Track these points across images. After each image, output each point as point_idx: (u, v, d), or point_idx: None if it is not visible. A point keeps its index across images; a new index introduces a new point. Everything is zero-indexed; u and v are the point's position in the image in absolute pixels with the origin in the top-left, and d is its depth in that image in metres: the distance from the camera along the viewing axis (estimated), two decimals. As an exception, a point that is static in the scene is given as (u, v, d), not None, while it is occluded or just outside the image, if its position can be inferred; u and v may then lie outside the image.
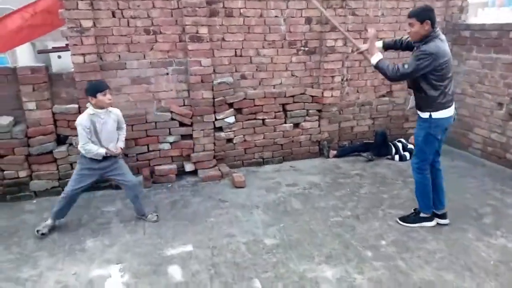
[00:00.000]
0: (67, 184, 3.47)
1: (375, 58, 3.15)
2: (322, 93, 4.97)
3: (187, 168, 4.56)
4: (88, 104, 3.35)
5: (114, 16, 4.03)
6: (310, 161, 5.09)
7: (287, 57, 4.80)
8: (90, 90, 3.29)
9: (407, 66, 3.02)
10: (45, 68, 4.00)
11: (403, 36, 3.45)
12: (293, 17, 4.68)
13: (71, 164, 4.12)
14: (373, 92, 5.33)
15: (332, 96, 5.03)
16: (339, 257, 3.03)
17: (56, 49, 4.86)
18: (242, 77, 4.69)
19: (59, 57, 4.73)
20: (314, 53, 4.91)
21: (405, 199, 3.93)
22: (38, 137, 3.99)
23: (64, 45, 4.65)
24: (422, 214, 3.44)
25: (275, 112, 4.86)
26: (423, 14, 2.99)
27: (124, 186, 3.59)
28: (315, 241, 3.25)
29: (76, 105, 4.06)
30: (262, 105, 4.77)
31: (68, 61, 4.23)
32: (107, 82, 4.12)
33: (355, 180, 4.46)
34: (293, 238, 3.30)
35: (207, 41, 4.31)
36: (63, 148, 4.12)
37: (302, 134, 5.07)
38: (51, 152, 4.07)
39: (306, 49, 4.86)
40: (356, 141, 5.40)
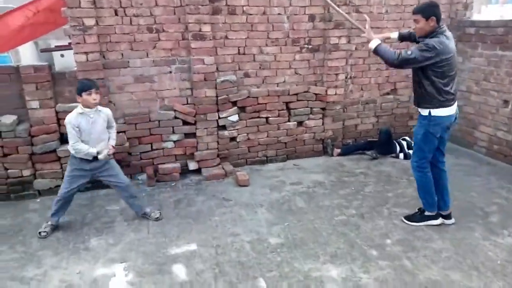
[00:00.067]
0: (60, 187, 3.42)
1: (374, 43, 3.14)
2: (326, 91, 4.95)
3: (191, 167, 4.55)
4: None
5: (116, 14, 4.01)
6: (314, 159, 5.06)
7: (291, 55, 4.77)
8: (78, 89, 3.23)
9: (410, 52, 2.98)
10: (48, 67, 3.99)
11: None
12: (296, 15, 4.65)
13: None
14: (377, 89, 5.29)
15: (336, 94, 5.00)
16: (344, 256, 3.01)
17: (59, 48, 4.85)
18: (246, 75, 4.67)
19: (62, 55, 4.72)
20: (318, 51, 4.88)
21: (410, 198, 3.90)
22: (41, 136, 3.99)
23: (67, 43, 4.64)
24: (427, 213, 3.41)
25: (279, 110, 4.84)
26: (428, 10, 2.97)
27: (117, 187, 3.53)
28: (320, 240, 3.23)
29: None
30: (266, 103, 4.75)
31: (71, 60, 4.21)
32: (110, 80, 4.14)
33: (359, 179, 4.44)
34: (297, 237, 3.28)
35: (210, 39, 4.29)
36: (67, 147, 4.09)
37: (306, 132, 5.05)
38: (54, 151, 4.06)
39: (310, 46, 4.83)
40: (360, 139, 5.38)
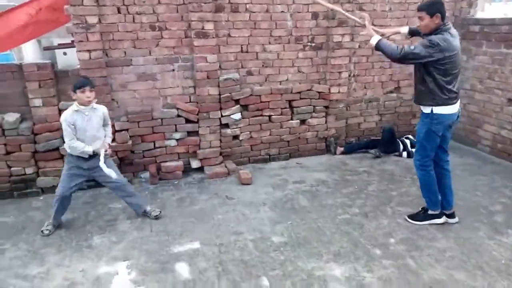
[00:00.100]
0: (58, 186, 3.39)
1: (374, 39, 3.12)
2: (329, 89, 4.93)
3: (194, 165, 4.55)
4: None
5: (119, 12, 4.00)
6: (317, 158, 5.05)
7: (294, 53, 4.75)
8: (73, 86, 3.23)
9: (413, 47, 2.97)
10: (51, 65, 3.98)
11: None
12: (299, 12, 4.63)
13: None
14: (381, 88, 5.27)
15: (339, 92, 4.98)
16: (348, 255, 3.00)
17: (61, 46, 4.85)
18: (248, 73, 4.65)
19: (65, 53, 4.73)
20: (321, 49, 4.85)
21: (414, 197, 3.88)
22: (44, 133, 3.99)
23: (69, 41, 4.64)
24: (430, 211, 3.40)
25: (282, 108, 4.82)
26: (433, 7, 2.96)
27: (113, 187, 3.50)
28: (323, 239, 3.22)
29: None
30: (269, 102, 4.73)
31: (74, 58, 4.21)
32: (113, 78, 4.13)
33: (362, 177, 4.42)
34: (300, 236, 3.27)
35: (213, 37, 4.28)
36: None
37: (308, 131, 5.03)
38: (57, 149, 4.06)
39: (313, 44, 4.80)
40: (363, 138, 5.36)
